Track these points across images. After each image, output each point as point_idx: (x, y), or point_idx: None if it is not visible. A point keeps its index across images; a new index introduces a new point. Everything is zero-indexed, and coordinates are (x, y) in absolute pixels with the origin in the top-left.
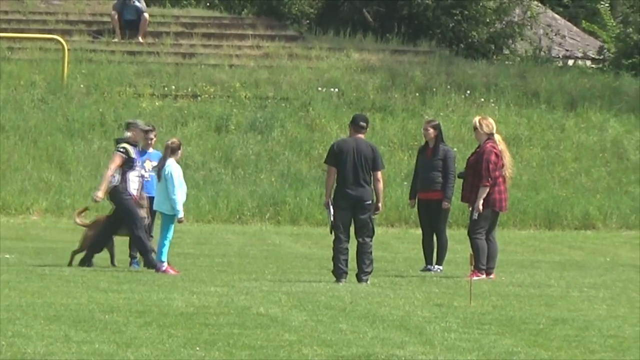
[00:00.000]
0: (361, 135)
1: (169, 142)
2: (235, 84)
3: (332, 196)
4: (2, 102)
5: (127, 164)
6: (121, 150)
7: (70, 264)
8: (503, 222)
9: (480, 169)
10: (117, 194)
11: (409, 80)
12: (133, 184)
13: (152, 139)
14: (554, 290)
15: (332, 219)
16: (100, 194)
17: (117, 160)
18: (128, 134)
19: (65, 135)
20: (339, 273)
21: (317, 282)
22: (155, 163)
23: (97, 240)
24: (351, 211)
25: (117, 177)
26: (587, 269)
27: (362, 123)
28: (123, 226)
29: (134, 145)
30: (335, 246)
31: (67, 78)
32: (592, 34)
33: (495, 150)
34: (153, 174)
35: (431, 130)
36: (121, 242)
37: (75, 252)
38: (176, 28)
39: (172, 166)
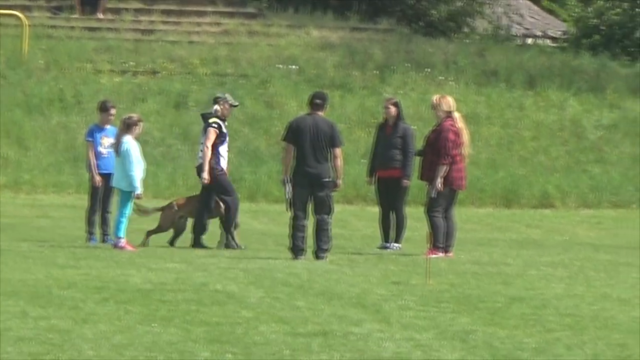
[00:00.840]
0: (320, 113)
1: (125, 118)
2: (194, 60)
3: (289, 173)
4: None
5: (219, 139)
6: (214, 125)
7: (144, 244)
8: (461, 200)
9: (438, 147)
10: (210, 170)
11: (368, 58)
12: (223, 160)
13: (112, 116)
14: (511, 269)
15: (288, 196)
16: (206, 175)
17: (212, 136)
18: (217, 107)
19: (24, 110)
20: (296, 250)
21: (274, 259)
22: (111, 139)
23: (199, 221)
24: (309, 188)
25: (200, 152)
26: (544, 248)
27: (317, 100)
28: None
29: (222, 119)
30: (293, 223)
31: (26, 54)
32: (552, 12)
33: (454, 129)
34: (111, 150)
35: (392, 108)
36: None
37: (151, 232)
38: (136, 4)
39: (130, 143)
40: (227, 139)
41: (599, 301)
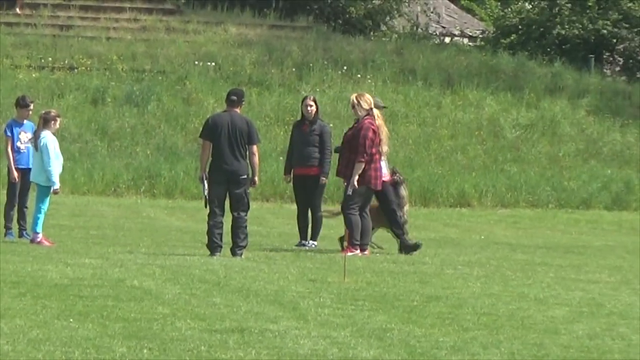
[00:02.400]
0: (236, 110)
1: (43, 113)
2: (112, 56)
3: (206, 170)
4: None
5: None
6: None
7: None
8: None
9: (356, 144)
10: None
11: (286, 55)
12: None
13: (30, 111)
14: (428, 268)
15: (205, 193)
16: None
17: None
18: None
19: None
20: (213, 247)
21: (191, 256)
22: (30, 134)
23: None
24: (226, 185)
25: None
26: (461, 247)
27: (233, 97)
28: None
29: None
30: (209, 220)
31: None
32: (470, 11)
33: (373, 127)
34: (29, 145)
35: (314, 106)
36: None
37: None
38: (54, 0)
39: (48, 137)
40: None
41: (516, 300)
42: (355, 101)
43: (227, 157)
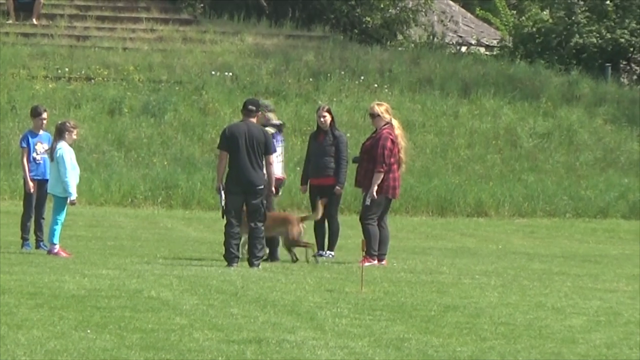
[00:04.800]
0: (253, 120)
1: (59, 124)
2: (129, 67)
3: (223, 181)
4: None
5: None
6: None
7: None
8: (395, 208)
9: (375, 154)
10: None
11: (303, 65)
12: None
13: (44, 120)
14: (445, 277)
15: (223, 203)
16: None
17: None
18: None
19: None
20: (230, 257)
21: (208, 266)
22: (46, 145)
23: None
24: (243, 196)
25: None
26: (479, 257)
27: (250, 107)
28: None
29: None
30: (226, 230)
31: None
32: (486, 20)
33: (391, 137)
34: (45, 156)
35: (328, 116)
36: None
37: None
38: (70, 10)
39: (64, 148)
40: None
41: (533, 310)
42: (376, 110)
43: (245, 168)
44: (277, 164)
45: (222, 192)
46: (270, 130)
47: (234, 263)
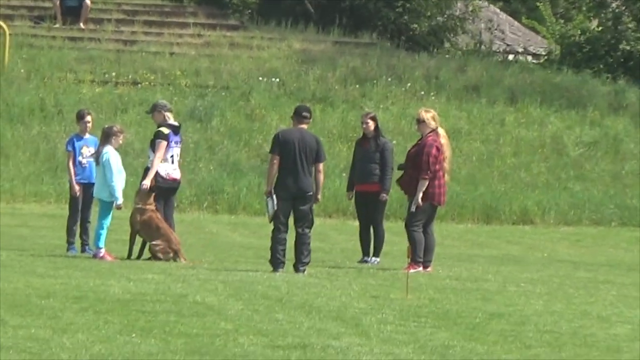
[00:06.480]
0: (304, 126)
1: (106, 128)
2: (175, 72)
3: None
4: None
5: None
6: None
7: None
8: (441, 215)
9: (420, 161)
10: None
11: (350, 71)
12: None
13: (88, 123)
14: (490, 285)
15: (275, 208)
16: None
17: None
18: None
19: (5, 120)
20: (276, 263)
21: (254, 272)
22: (92, 149)
23: None
24: (291, 201)
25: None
26: (524, 264)
27: (305, 114)
28: None
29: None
30: (273, 236)
31: (7, 63)
32: (533, 29)
33: (436, 144)
34: (91, 160)
35: (371, 123)
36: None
37: None
38: (117, 15)
39: (110, 152)
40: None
41: (578, 318)
42: (423, 117)
43: (296, 174)
44: (171, 165)
45: (274, 196)
46: (164, 130)
47: (279, 268)
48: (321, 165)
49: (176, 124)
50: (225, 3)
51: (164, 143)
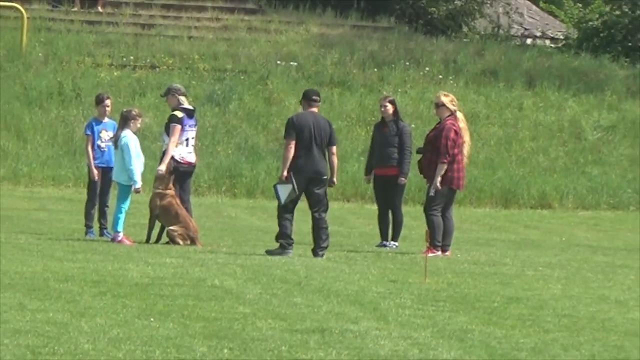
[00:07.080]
0: (315, 109)
1: (124, 111)
2: (193, 55)
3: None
4: None
5: None
6: None
7: None
8: (460, 199)
9: (439, 145)
10: None
11: (368, 55)
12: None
13: (107, 107)
14: (509, 269)
15: (297, 192)
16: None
17: None
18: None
19: (23, 103)
20: (286, 238)
21: (272, 256)
22: (111, 133)
23: None
24: (304, 185)
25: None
26: (542, 249)
27: (314, 97)
28: None
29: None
30: (281, 214)
31: (25, 46)
32: (551, 13)
33: (455, 128)
34: (110, 144)
35: (389, 106)
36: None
37: None
38: None
39: (128, 136)
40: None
41: (596, 303)
42: (442, 101)
43: (312, 157)
44: (186, 148)
45: (293, 180)
46: (178, 114)
47: (289, 247)
48: (334, 148)
49: (190, 107)
50: None
51: (179, 127)
